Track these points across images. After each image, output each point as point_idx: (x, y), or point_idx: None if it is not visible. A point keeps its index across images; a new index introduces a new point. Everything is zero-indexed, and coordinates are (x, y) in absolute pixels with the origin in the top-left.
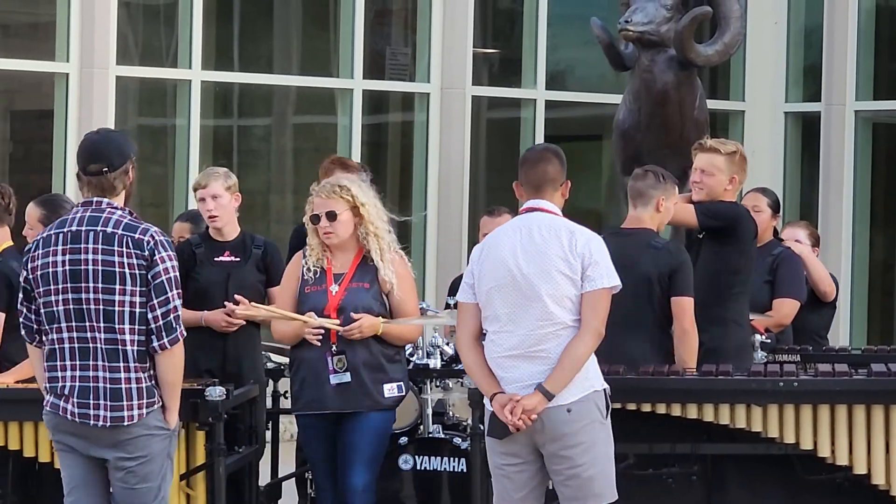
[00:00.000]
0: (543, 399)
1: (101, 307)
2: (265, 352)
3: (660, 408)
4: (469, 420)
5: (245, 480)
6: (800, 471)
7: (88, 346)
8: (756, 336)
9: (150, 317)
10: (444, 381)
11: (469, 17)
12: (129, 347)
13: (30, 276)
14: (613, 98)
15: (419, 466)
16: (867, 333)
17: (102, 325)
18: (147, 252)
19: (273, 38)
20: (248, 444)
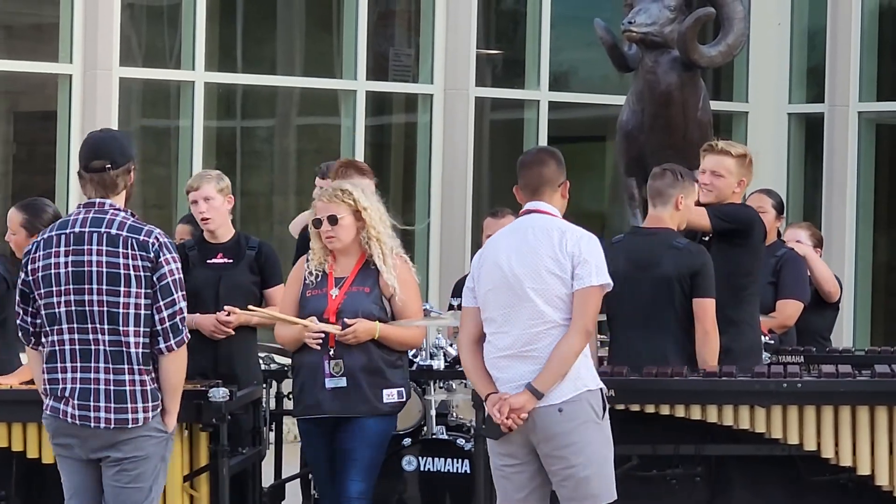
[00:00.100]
0: (532, 398)
1: (105, 309)
2: (268, 353)
3: (663, 409)
4: (472, 421)
5: (248, 481)
6: (803, 472)
7: (90, 349)
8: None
9: (157, 318)
10: (448, 383)
11: (472, 19)
12: (134, 350)
13: (29, 279)
14: (617, 99)
15: (423, 468)
16: (870, 334)
17: (106, 327)
18: (152, 254)
19: (276, 40)
20: (252, 446)
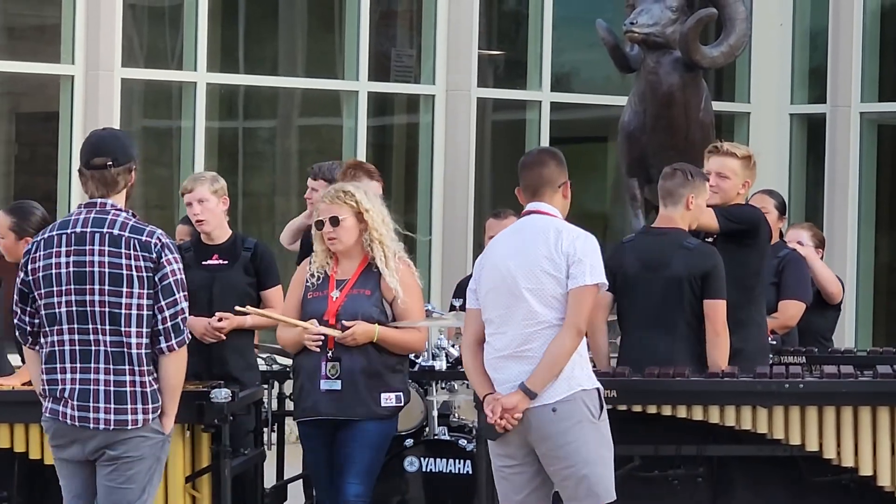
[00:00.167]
0: (525, 397)
1: (107, 309)
2: (270, 354)
3: (665, 409)
4: (474, 422)
5: (250, 482)
6: (805, 472)
7: (90, 349)
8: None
9: (159, 318)
10: (450, 383)
11: (474, 19)
12: (135, 350)
13: (29, 278)
14: (619, 100)
15: (425, 468)
16: (872, 335)
17: (108, 328)
18: (154, 254)
19: (278, 40)
20: (254, 447)
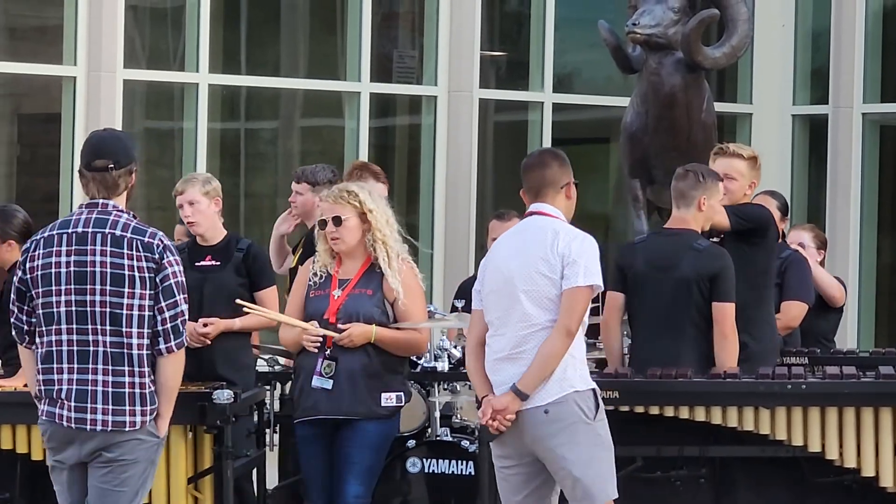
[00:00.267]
0: (515, 399)
1: (108, 310)
2: (272, 355)
3: (668, 410)
4: (477, 423)
5: (253, 484)
6: (808, 473)
7: (88, 350)
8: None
9: (159, 319)
10: (452, 384)
11: (476, 20)
12: (136, 351)
13: (27, 277)
14: (621, 101)
15: (427, 469)
16: (874, 336)
17: (108, 328)
18: (157, 255)
19: (280, 42)
20: (256, 448)
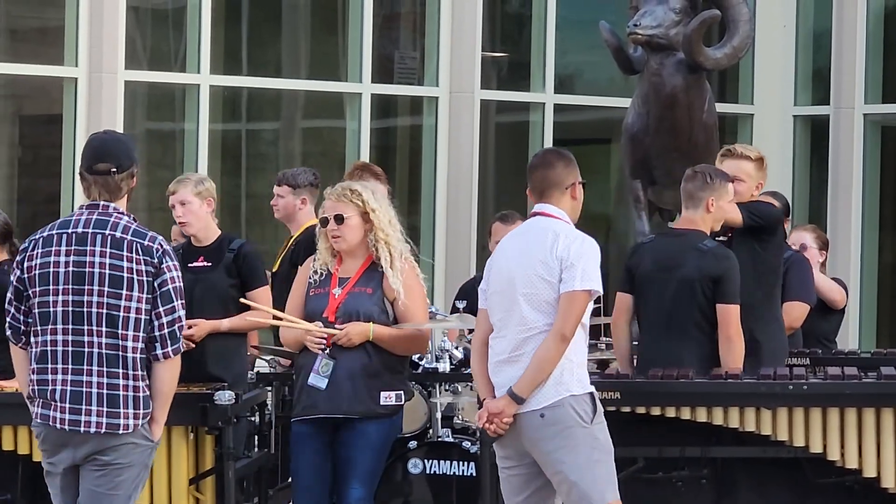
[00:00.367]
0: (511, 403)
1: (105, 311)
2: (274, 356)
3: (669, 411)
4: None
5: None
6: (809, 474)
7: (84, 351)
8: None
9: (156, 324)
10: (454, 385)
11: (477, 21)
12: (131, 354)
13: (24, 276)
14: (622, 102)
15: (428, 470)
16: (876, 336)
17: (104, 330)
18: (156, 259)
19: (281, 42)
20: (258, 449)
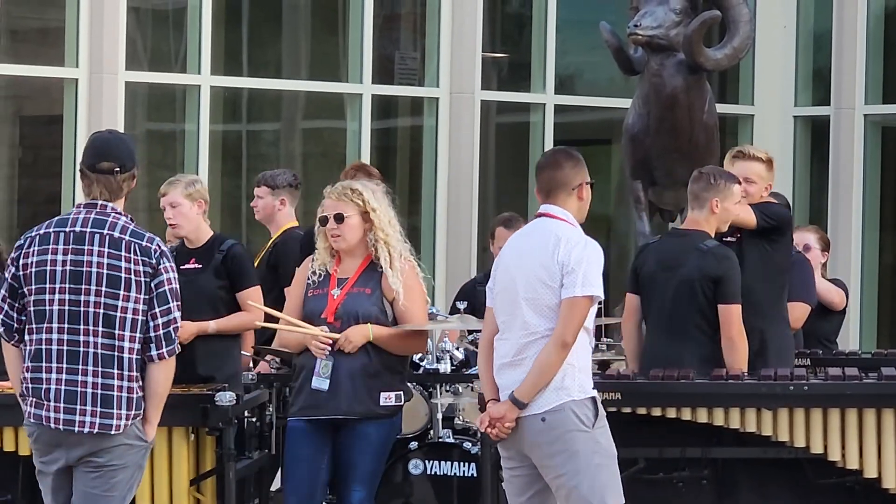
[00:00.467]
0: (513, 407)
1: (102, 311)
2: (275, 357)
3: (670, 412)
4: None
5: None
6: (810, 474)
7: (79, 350)
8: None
9: (151, 325)
10: (454, 386)
11: (478, 22)
12: (127, 355)
13: (20, 273)
14: (623, 102)
15: (429, 471)
16: (877, 337)
17: (100, 330)
18: (154, 260)
19: (282, 43)
20: (259, 450)
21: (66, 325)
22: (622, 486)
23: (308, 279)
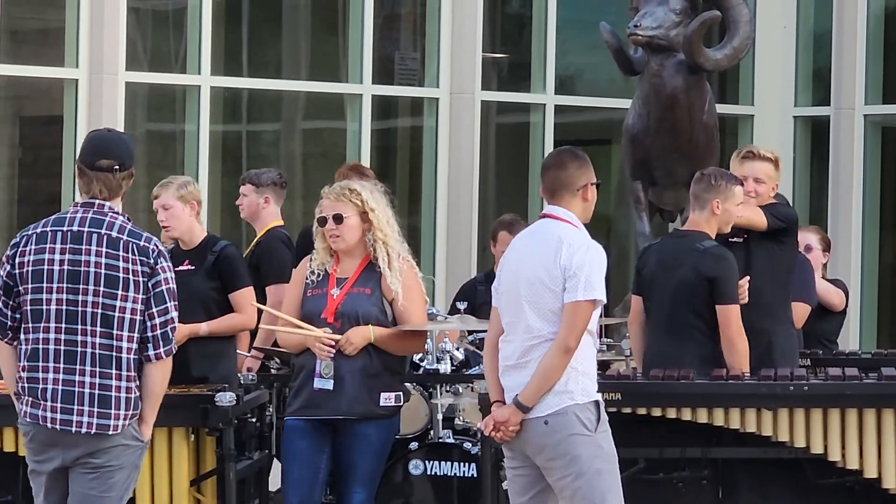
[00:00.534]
0: (517, 411)
1: (100, 311)
2: (275, 358)
3: (670, 412)
4: (479, 425)
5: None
6: (810, 475)
7: (76, 350)
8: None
9: (149, 325)
10: (455, 386)
11: (478, 22)
12: (125, 355)
13: (15, 272)
14: (623, 102)
15: (429, 471)
16: (877, 337)
17: (99, 330)
18: (152, 260)
19: (282, 43)
20: (259, 450)
21: (64, 325)
22: (622, 487)
23: (306, 279)
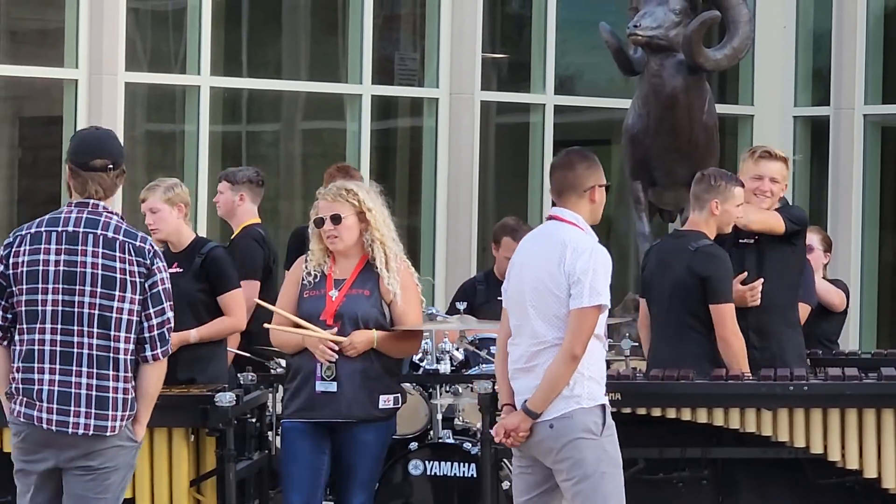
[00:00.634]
0: (526, 418)
1: (97, 312)
2: (274, 358)
3: (670, 412)
4: (479, 425)
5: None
6: (810, 475)
7: (73, 351)
8: None
9: (145, 325)
10: (454, 387)
11: (478, 22)
12: (122, 356)
13: (9, 272)
14: (622, 103)
15: (429, 472)
16: (877, 337)
17: (96, 331)
18: (148, 260)
19: (282, 44)
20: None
21: (60, 326)
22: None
23: (303, 280)
